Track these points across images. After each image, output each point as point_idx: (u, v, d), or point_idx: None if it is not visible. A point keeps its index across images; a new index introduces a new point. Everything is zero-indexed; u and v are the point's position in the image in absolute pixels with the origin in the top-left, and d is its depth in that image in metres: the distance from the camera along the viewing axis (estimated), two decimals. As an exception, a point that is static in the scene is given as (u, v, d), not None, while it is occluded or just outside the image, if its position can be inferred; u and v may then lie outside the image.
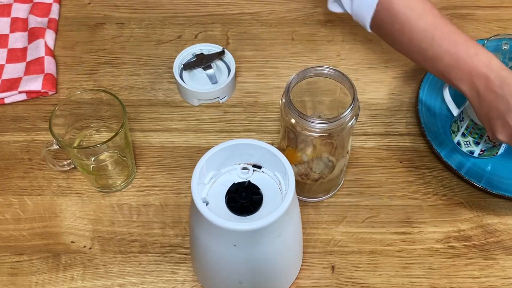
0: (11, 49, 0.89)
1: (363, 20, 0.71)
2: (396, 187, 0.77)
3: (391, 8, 0.66)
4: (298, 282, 0.70)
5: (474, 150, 0.78)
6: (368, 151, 0.80)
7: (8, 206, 0.75)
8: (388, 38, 0.70)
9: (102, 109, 0.74)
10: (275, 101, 0.85)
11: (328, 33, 0.92)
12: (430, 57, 0.66)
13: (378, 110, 0.84)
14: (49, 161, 0.73)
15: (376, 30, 0.71)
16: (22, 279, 0.70)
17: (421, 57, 0.67)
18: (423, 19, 0.66)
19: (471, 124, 0.75)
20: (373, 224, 0.74)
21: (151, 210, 0.75)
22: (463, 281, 0.70)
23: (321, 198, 0.76)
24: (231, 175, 0.61)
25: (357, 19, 0.72)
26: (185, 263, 0.71)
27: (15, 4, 0.94)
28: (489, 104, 0.63)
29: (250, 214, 0.58)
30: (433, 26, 0.65)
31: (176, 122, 0.83)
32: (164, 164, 0.79)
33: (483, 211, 0.75)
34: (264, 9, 0.95)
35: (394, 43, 0.71)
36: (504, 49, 0.78)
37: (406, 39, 0.67)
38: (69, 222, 0.74)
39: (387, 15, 0.67)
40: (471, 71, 0.64)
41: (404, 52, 0.70)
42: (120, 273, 0.70)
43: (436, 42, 0.65)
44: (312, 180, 0.72)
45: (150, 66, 0.89)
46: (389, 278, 0.70)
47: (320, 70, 0.66)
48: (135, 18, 0.94)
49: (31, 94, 0.84)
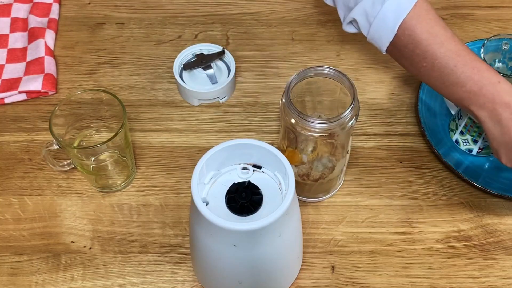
0: (11, 49, 0.89)
1: (380, 43, 0.69)
2: (396, 187, 0.77)
3: (414, 34, 0.66)
4: (298, 282, 0.70)
5: (472, 148, 0.78)
6: (368, 151, 0.80)
7: (8, 206, 0.75)
8: (407, 62, 0.69)
9: (102, 109, 0.74)
10: (275, 101, 0.85)
11: (328, 33, 0.92)
12: (451, 83, 0.66)
13: (378, 110, 0.84)
14: (49, 161, 0.73)
15: (393, 54, 0.70)
16: (22, 279, 0.70)
17: (441, 83, 0.67)
18: (445, 45, 0.66)
19: (470, 122, 0.75)
20: (373, 224, 0.74)
21: (151, 210, 0.75)
22: (463, 281, 0.70)
23: (321, 198, 0.76)
24: (231, 175, 0.61)
25: (373, 41, 0.70)
26: (185, 263, 0.71)
27: (15, 4, 0.94)
28: (511, 132, 0.64)
29: (250, 214, 0.58)
30: (455, 53, 0.65)
31: (176, 122, 0.83)
32: (164, 164, 0.79)
33: (483, 211, 0.75)
34: (264, 9, 0.95)
35: (411, 67, 0.70)
36: (504, 49, 0.78)
37: (427, 64, 0.67)
38: (69, 222, 0.74)
39: (408, 40, 0.67)
40: (494, 99, 0.64)
41: (421, 76, 0.69)
42: (120, 273, 0.70)
43: (459, 69, 0.65)
44: (312, 180, 0.72)
45: (150, 66, 0.89)
46: (389, 278, 0.70)
47: (320, 70, 0.66)
48: (135, 18, 0.94)
49: (31, 94, 0.84)
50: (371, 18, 0.68)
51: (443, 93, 0.69)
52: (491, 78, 0.65)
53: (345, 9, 0.72)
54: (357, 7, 0.69)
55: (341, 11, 0.73)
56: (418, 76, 0.70)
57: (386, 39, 0.68)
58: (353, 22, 0.72)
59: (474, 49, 0.86)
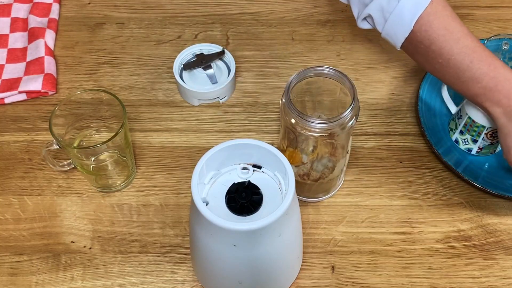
0: (11, 49, 0.89)
1: (395, 39, 0.69)
2: (396, 187, 0.77)
3: (430, 30, 0.66)
4: (298, 282, 0.70)
5: (472, 147, 0.78)
6: (368, 151, 0.80)
7: (8, 206, 0.75)
8: (421, 58, 0.69)
9: (102, 109, 0.74)
10: (275, 101, 0.85)
11: (328, 33, 0.92)
12: (466, 79, 0.66)
13: (378, 110, 0.84)
14: (49, 161, 0.73)
15: (408, 50, 0.70)
16: (22, 279, 0.70)
17: (456, 79, 0.67)
18: (462, 41, 0.66)
19: (469, 121, 0.75)
20: (373, 224, 0.74)
21: (151, 210, 0.75)
22: (463, 281, 0.70)
23: (321, 198, 0.76)
24: (231, 175, 0.61)
25: (388, 37, 0.70)
26: (185, 263, 0.71)
27: (15, 4, 0.94)
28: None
29: (250, 214, 0.58)
30: (472, 49, 0.66)
31: (176, 122, 0.83)
32: (164, 164, 0.79)
33: (483, 211, 0.75)
34: (264, 9, 0.95)
35: (426, 63, 0.70)
36: (504, 49, 0.78)
37: (443, 60, 0.67)
38: (69, 222, 0.74)
39: (424, 36, 0.66)
40: (509, 95, 0.65)
41: (436, 73, 0.69)
42: (120, 273, 0.70)
43: (475, 65, 0.65)
44: (312, 180, 0.72)
45: (150, 66, 0.89)
46: (389, 278, 0.70)
47: (320, 70, 0.66)
48: (135, 18, 0.94)
49: (31, 94, 0.84)
50: (387, 14, 0.68)
51: (457, 88, 0.69)
52: (507, 75, 0.65)
53: (360, 5, 0.72)
54: (372, 3, 0.69)
55: (356, 8, 0.73)
56: (433, 72, 0.70)
57: (402, 35, 0.68)
58: (367, 18, 0.72)
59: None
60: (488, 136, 0.75)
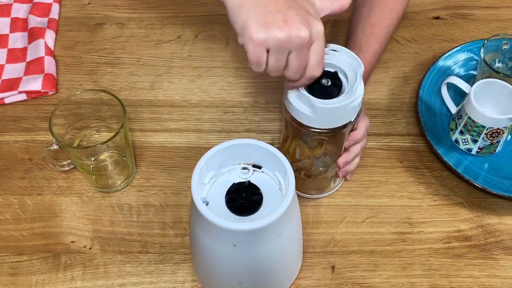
0: (11, 49, 0.89)
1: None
2: (396, 187, 0.77)
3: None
4: (298, 282, 0.70)
5: (472, 148, 0.78)
6: (368, 151, 0.80)
7: (8, 206, 0.75)
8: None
9: (102, 109, 0.74)
10: (275, 101, 0.85)
11: (328, 33, 0.92)
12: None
13: (378, 110, 0.84)
14: (49, 161, 0.73)
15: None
16: (22, 279, 0.70)
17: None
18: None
19: (469, 121, 0.75)
20: (373, 224, 0.74)
21: (151, 210, 0.75)
22: (463, 281, 0.70)
23: (315, 196, 0.75)
24: (231, 175, 0.61)
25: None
26: (185, 263, 0.71)
27: (15, 4, 0.94)
28: None
29: (250, 214, 0.58)
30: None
31: (176, 122, 0.83)
32: (164, 164, 0.79)
33: (483, 211, 0.75)
34: (264, 9, 0.95)
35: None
36: (504, 49, 0.78)
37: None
38: (69, 222, 0.74)
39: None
40: None
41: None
42: (120, 273, 0.70)
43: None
44: (312, 177, 0.72)
45: (150, 66, 0.89)
46: (389, 278, 0.70)
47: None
48: (135, 18, 0.94)
49: (31, 94, 0.84)
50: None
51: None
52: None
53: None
54: None
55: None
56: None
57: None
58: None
59: (474, 49, 0.86)
60: (488, 136, 0.75)
